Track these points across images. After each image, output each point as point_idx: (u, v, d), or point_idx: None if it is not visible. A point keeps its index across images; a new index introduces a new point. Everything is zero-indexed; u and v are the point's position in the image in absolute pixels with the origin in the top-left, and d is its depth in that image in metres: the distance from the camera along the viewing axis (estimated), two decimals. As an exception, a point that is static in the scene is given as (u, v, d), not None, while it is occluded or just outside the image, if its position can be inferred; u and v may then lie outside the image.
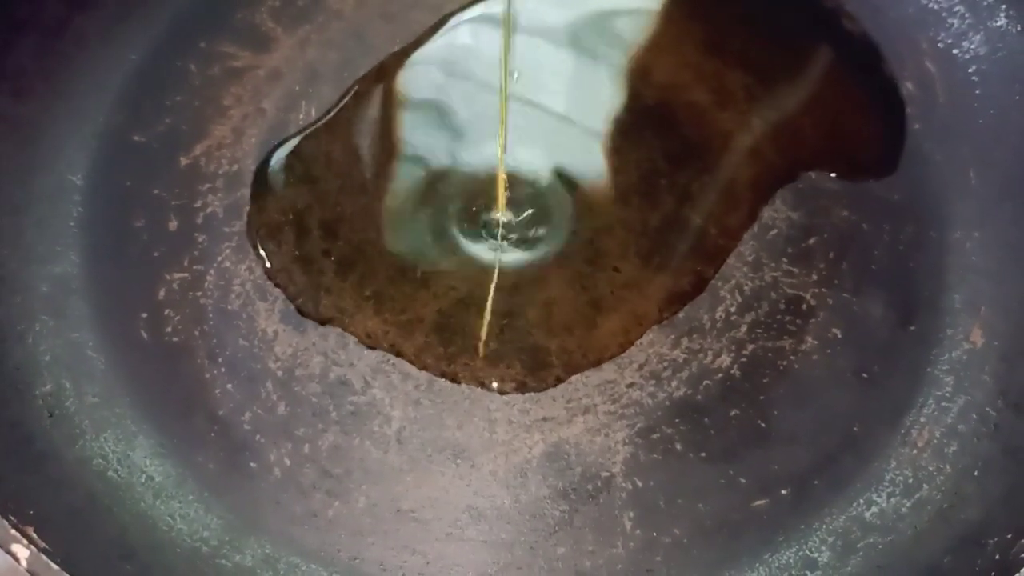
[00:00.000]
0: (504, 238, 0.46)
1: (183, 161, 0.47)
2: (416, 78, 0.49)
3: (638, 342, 0.44)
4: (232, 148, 0.47)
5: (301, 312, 0.44)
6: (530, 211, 0.46)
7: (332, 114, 0.48)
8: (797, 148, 0.49)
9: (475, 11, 0.51)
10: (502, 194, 0.46)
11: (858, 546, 0.41)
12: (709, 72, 0.50)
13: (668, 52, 0.51)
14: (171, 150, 0.47)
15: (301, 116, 0.48)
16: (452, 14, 0.51)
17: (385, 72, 0.49)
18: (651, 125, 0.49)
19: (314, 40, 0.50)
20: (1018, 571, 0.36)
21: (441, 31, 0.50)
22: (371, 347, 0.43)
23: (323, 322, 0.44)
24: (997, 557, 0.37)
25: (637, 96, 0.49)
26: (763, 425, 0.43)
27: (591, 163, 0.48)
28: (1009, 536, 0.38)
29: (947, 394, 0.43)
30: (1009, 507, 0.40)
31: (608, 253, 0.46)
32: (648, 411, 0.43)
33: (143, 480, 0.41)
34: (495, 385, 0.43)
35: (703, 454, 0.42)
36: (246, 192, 0.46)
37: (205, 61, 0.49)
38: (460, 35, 0.50)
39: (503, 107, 0.47)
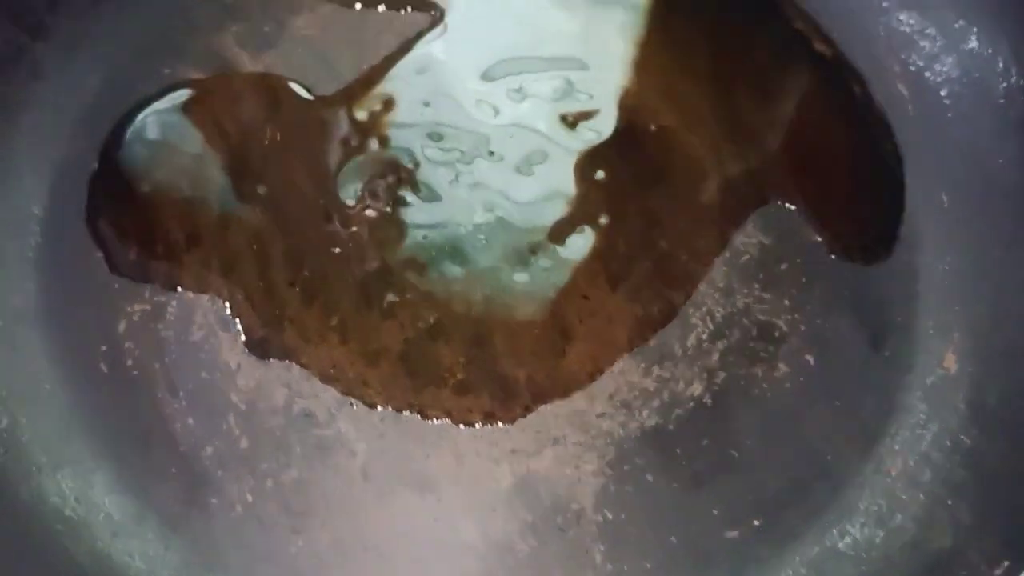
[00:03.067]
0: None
1: (142, 189, 0.46)
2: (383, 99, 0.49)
3: (608, 371, 0.43)
4: (193, 176, 0.46)
5: (251, 350, 0.43)
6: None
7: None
8: (768, 172, 0.48)
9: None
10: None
11: (831, 578, 0.40)
12: (678, 96, 0.50)
13: (636, 74, 0.50)
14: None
15: (265, 142, 0.47)
16: (419, 36, 0.50)
17: (349, 95, 0.49)
18: (619, 148, 0.48)
19: (280, 65, 0.50)
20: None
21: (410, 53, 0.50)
22: (336, 379, 0.43)
23: (283, 357, 0.43)
24: (970, 587, 0.37)
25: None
26: (735, 454, 0.42)
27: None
28: (982, 567, 0.37)
29: (920, 421, 0.43)
30: (982, 536, 0.39)
31: (577, 280, 0.45)
32: (619, 441, 0.42)
33: (101, 518, 0.40)
34: (462, 416, 0.42)
35: (675, 485, 0.42)
36: (207, 221, 0.45)
37: (166, 88, 0.48)
38: (433, 51, 0.50)
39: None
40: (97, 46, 0.49)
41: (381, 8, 0.51)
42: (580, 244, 0.46)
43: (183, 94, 0.48)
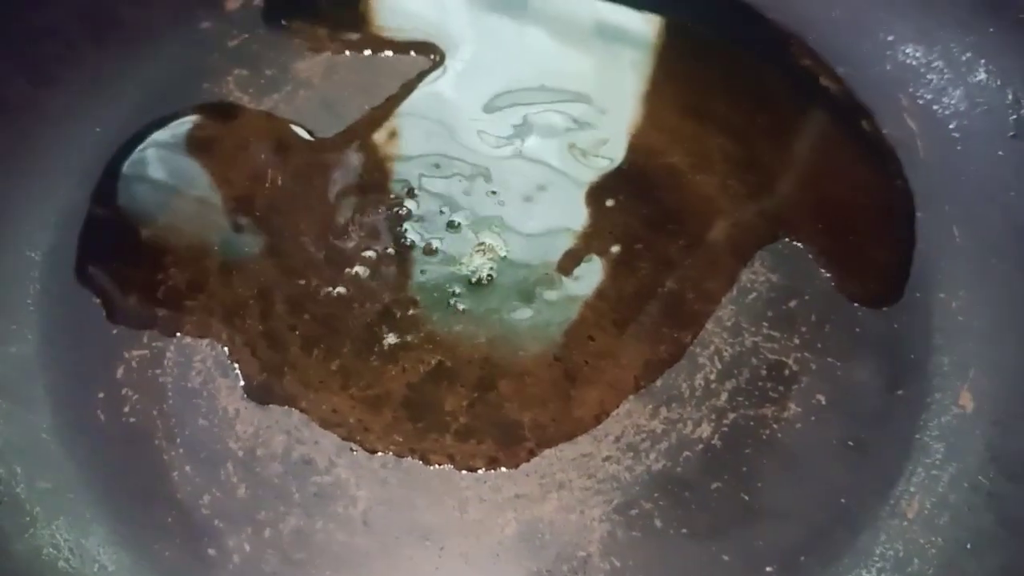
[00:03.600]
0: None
1: (144, 234, 0.46)
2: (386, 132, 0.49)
3: (614, 413, 0.42)
4: (195, 220, 0.46)
5: (250, 396, 0.42)
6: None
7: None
8: (777, 210, 0.47)
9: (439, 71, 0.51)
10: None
11: (847, 626, 0.39)
12: (686, 134, 0.49)
13: (644, 115, 0.50)
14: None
15: (267, 185, 0.47)
16: (420, 78, 0.50)
17: (351, 137, 0.48)
18: (627, 189, 0.47)
19: (281, 109, 0.50)
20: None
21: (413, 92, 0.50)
22: (336, 424, 0.42)
23: (283, 402, 0.42)
24: (992, 636, 0.35)
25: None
26: (747, 498, 0.41)
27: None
28: (1004, 614, 0.36)
29: (937, 462, 0.42)
30: (1003, 581, 0.38)
31: (582, 321, 0.44)
32: (626, 486, 0.41)
33: (96, 570, 0.39)
34: (465, 462, 0.41)
35: (684, 531, 0.40)
36: (208, 265, 0.45)
37: (170, 132, 0.48)
38: (438, 87, 0.50)
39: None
40: (103, 93, 0.49)
41: (382, 52, 0.51)
42: (587, 278, 0.45)
43: (184, 127, 0.48)
